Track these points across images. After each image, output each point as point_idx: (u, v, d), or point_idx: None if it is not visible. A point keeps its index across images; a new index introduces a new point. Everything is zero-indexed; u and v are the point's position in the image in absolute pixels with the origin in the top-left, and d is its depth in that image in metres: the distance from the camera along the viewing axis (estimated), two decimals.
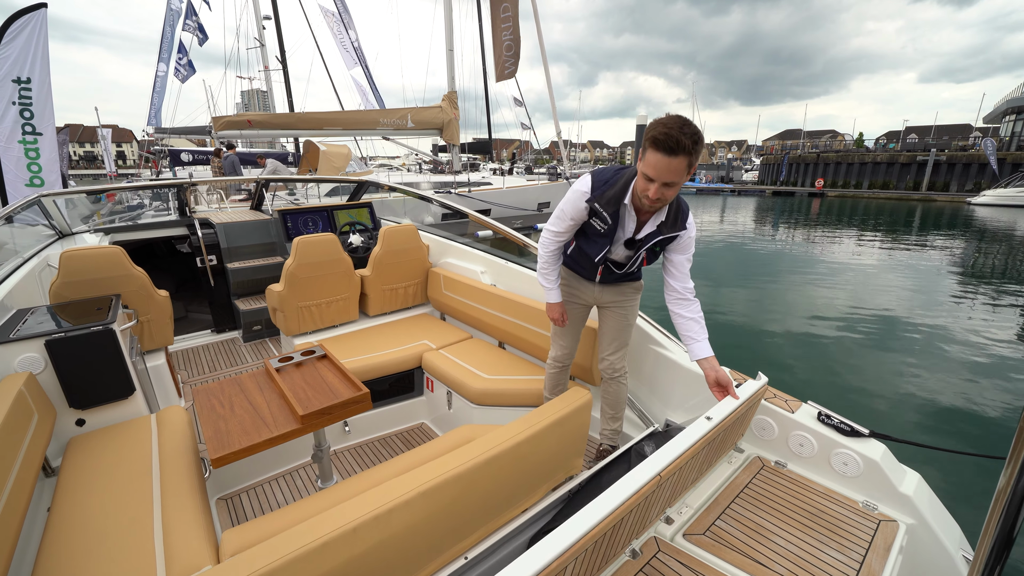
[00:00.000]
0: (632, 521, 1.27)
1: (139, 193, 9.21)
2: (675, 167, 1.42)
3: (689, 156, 1.42)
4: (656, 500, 1.33)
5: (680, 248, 1.73)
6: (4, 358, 1.90)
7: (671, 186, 1.48)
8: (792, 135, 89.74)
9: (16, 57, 6.32)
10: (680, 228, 1.67)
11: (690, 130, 1.41)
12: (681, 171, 1.44)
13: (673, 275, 1.77)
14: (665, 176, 1.44)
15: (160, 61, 19.02)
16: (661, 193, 1.49)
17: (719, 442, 1.54)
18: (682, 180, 1.48)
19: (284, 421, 1.68)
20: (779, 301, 8.69)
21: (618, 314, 2.00)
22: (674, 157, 1.41)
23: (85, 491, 1.67)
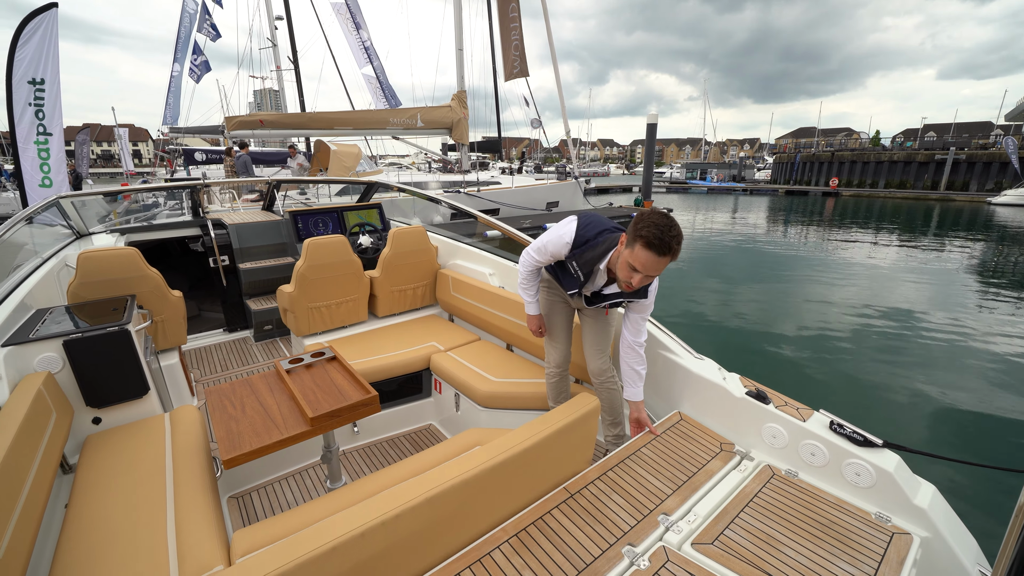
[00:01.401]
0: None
1: (154, 193, 9.35)
2: (661, 265, 1.60)
3: (674, 258, 1.60)
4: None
5: (639, 308, 1.91)
6: (24, 357, 1.94)
7: (651, 278, 1.67)
8: (806, 133, 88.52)
9: (31, 58, 6.42)
10: (642, 295, 1.85)
11: (676, 232, 1.59)
12: (663, 268, 1.63)
13: (629, 327, 1.95)
14: (651, 272, 1.62)
15: (175, 61, 19.30)
16: (641, 282, 1.66)
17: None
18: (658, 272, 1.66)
19: (294, 423, 1.70)
20: (792, 304, 8.57)
21: (597, 318, 2.10)
22: (663, 257, 1.58)
23: (101, 489, 1.71)
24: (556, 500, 1.55)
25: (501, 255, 3.28)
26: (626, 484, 1.63)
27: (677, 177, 45.74)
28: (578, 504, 1.54)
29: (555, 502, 1.55)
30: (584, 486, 1.61)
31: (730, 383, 1.94)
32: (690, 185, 40.18)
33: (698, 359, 2.10)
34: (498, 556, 1.35)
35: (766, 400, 1.82)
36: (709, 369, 2.04)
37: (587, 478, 1.65)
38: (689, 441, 1.87)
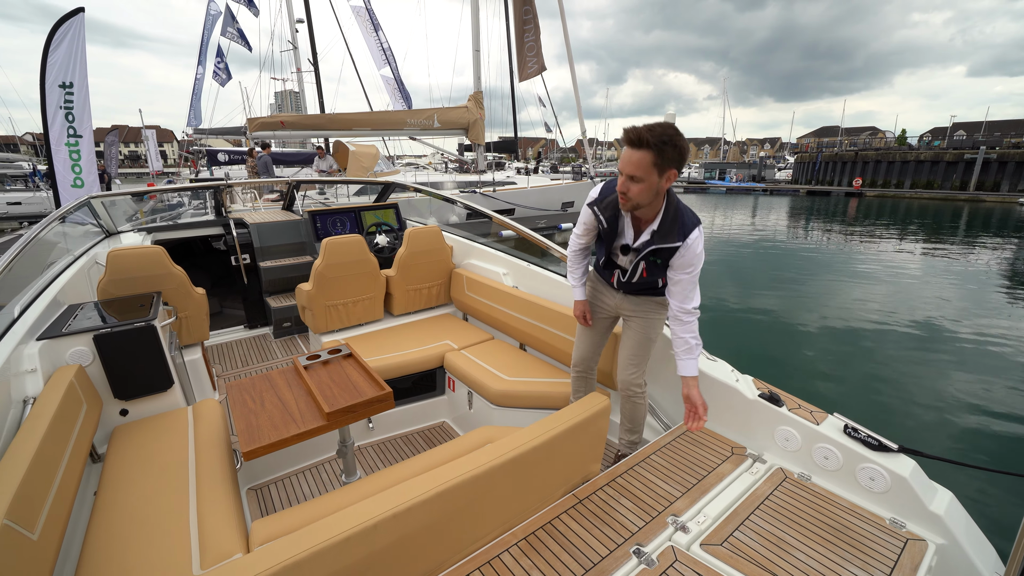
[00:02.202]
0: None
1: (179, 192, 9.61)
2: (636, 160, 1.50)
3: (651, 152, 1.48)
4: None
5: (679, 264, 1.68)
6: (57, 351, 2.04)
7: (635, 180, 1.53)
8: (829, 132, 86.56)
9: (61, 62, 6.65)
10: (676, 240, 1.63)
11: (660, 130, 1.47)
12: (642, 165, 1.50)
13: (671, 292, 1.77)
14: (627, 168, 1.52)
15: (199, 64, 19.78)
16: (626, 187, 1.56)
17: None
18: (648, 177, 1.52)
19: (311, 417, 1.75)
20: (810, 305, 8.42)
21: (638, 327, 1.97)
22: (636, 150, 1.49)
23: (128, 478, 1.78)
24: (565, 505, 1.57)
25: (515, 255, 3.30)
26: (635, 488, 1.64)
27: (695, 177, 45.15)
28: (587, 508, 1.56)
29: (564, 507, 1.56)
30: (593, 491, 1.62)
31: (743, 385, 1.93)
32: (708, 185, 39.66)
33: (711, 360, 2.09)
34: (507, 558, 1.37)
35: (779, 403, 1.80)
36: (722, 370, 2.03)
37: (596, 484, 1.66)
38: (700, 446, 1.87)
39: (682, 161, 1.54)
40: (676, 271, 1.71)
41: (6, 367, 1.78)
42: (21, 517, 1.22)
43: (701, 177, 44.52)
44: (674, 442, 1.90)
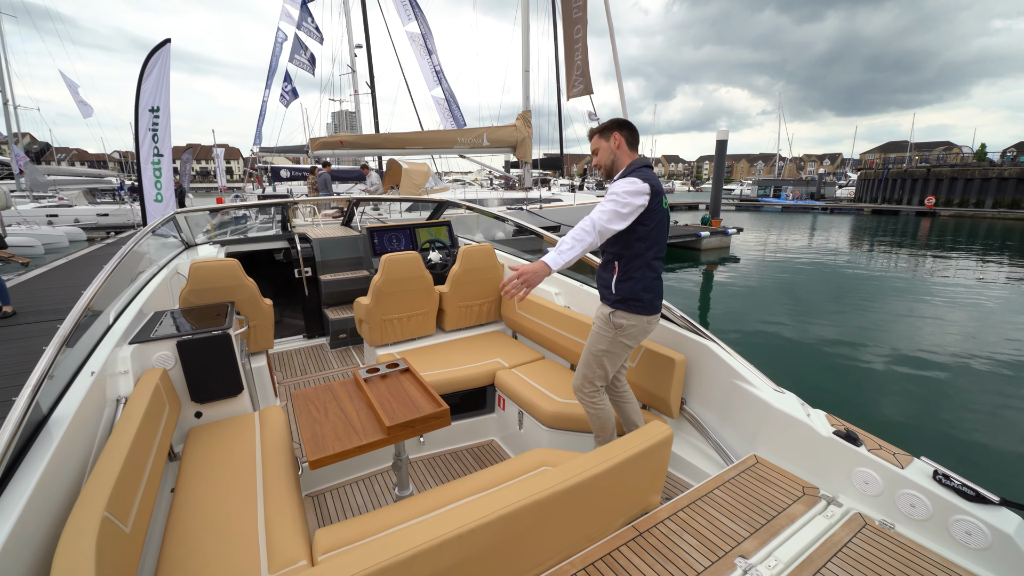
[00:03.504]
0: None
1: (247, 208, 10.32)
2: (592, 143, 2.11)
3: (597, 134, 2.08)
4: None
5: None
6: (145, 354, 2.21)
7: (595, 154, 2.10)
8: (896, 148, 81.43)
9: (152, 89, 7.34)
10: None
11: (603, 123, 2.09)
12: (593, 140, 2.10)
13: None
14: (592, 148, 2.12)
15: (266, 88, 21.30)
16: (594, 159, 2.12)
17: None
18: (599, 145, 2.07)
19: (372, 430, 1.80)
20: (882, 336, 7.78)
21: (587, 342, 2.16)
22: (591, 140, 2.12)
23: (202, 478, 1.89)
24: (625, 537, 1.52)
25: (567, 275, 3.29)
26: (699, 525, 1.57)
27: (748, 194, 43.57)
28: (647, 542, 1.50)
29: (624, 539, 1.51)
30: (654, 524, 1.56)
31: (815, 421, 1.82)
32: (762, 203, 38.12)
33: (778, 392, 1.99)
34: None
35: (857, 442, 1.68)
36: (791, 404, 1.92)
37: (657, 517, 1.60)
38: (767, 484, 1.77)
39: (617, 125, 2.03)
40: None
41: (104, 368, 1.94)
42: (117, 510, 1.32)
43: (754, 194, 42.88)
44: (738, 477, 1.81)
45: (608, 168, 2.05)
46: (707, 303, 10.25)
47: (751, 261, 14.60)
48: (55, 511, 1.34)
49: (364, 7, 19.87)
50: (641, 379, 2.40)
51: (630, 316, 1.98)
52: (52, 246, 13.85)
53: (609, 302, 2.03)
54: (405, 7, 17.17)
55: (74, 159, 54.03)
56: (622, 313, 1.99)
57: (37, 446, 1.41)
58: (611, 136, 2.02)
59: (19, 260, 7.76)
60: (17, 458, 1.34)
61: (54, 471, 1.38)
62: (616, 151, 2.02)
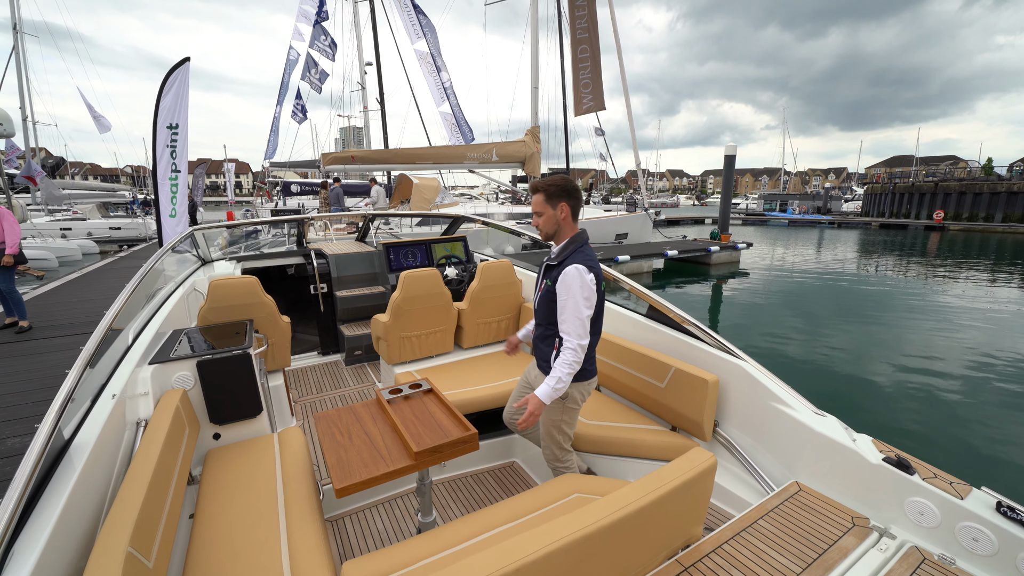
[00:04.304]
0: None
1: None
2: (535, 200, 2.00)
3: (542, 193, 1.98)
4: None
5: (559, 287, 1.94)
6: (165, 374, 2.17)
7: (538, 215, 2.00)
8: (902, 162, 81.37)
9: (170, 106, 7.43)
10: (556, 261, 2.01)
11: (548, 179, 2.00)
12: (538, 203, 1.99)
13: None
14: (533, 208, 2.01)
15: (278, 104, 21.62)
16: (535, 221, 2.02)
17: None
18: (545, 211, 1.98)
19: (399, 456, 1.73)
20: (913, 354, 7.52)
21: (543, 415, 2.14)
22: (534, 195, 2.00)
23: (222, 503, 1.83)
24: (669, 573, 1.44)
25: None
26: (746, 559, 1.49)
27: (754, 208, 43.51)
28: (686, 567, 1.43)
29: (664, 562, 1.44)
30: (699, 559, 1.49)
31: (862, 446, 1.74)
32: (769, 217, 38.03)
33: (819, 415, 1.91)
34: None
35: (910, 469, 1.60)
36: (834, 428, 1.84)
37: (701, 550, 1.52)
38: (813, 513, 1.69)
39: (566, 194, 1.97)
40: (558, 294, 1.95)
41: (125, 390, 1.90)
42: (140, 544, 1.27)
43: (760, 209, 42.82)
44: (782, 506, 1.73)
45: (549, 235, 2.04)
46: (718, 318, 10.14)
47: (761, 275, 14.49)
48: (77, 545, 1.29)
49: (375, 26, 20.28)
50: (671, 400, 2.33)
51: (577, 386, 2.07)
52: (66, 259, 13.99)
53: None
54: (414, 26, 17.48)
55: (87, 173, 55.03)
56: (579, 385, 2.07)
57: (59, 475, 1.37)
58: (558, 205, 1.97)
59: (34, 273, 7.82)
60: (39, 488, 1.30)
61: (76, 502, 1.33)
62: (561, 221, 2.00)
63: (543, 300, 2.03)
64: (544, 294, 2.02)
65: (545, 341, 2.09)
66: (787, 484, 1.86)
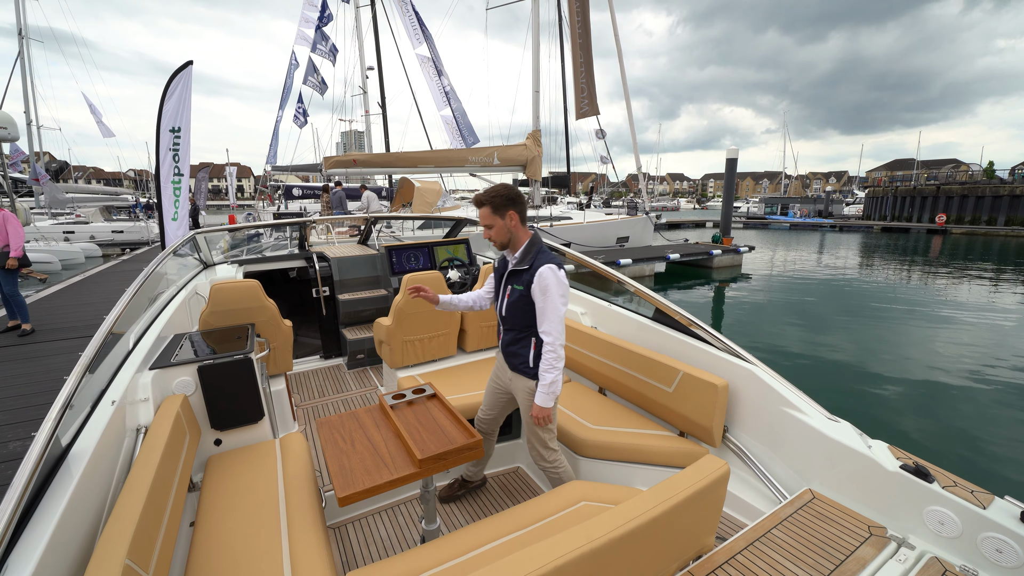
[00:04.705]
0: None
1: None
2: (482, 213, 2.03)
3: (488, 206, 2.00)
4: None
5: (535, 291, 1.98)
6: (166, 380, 2.13)
7: (488, 227, 2.04)
8: (903, 165, 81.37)
9: (173, 110, 7.43)
10: (525, 265, 2.02)
11: (491, 190, 2.03)
12: (486, 215, 2.02)
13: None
14: (481, 221, 2.04)
15: (280, 108, 21.67)
16: (487, 233, 2.06)
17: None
18: (494, 222, 2.02)
19: (402, 463, 1.70)
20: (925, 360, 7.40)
21: (523, 412, 2.19)
22: (480, 208, 2.03)
23: (223, 511, 1.79)
24: (677, 571, 1.40)
25: (594, 294, 3.21)
26: (761, 571, 1.45)
27: (755, 212, 43.48)
28: None
29: (676, 573, 1.40)
30: (712, 570, 1.45)
31: (878, 453, 1.70)
32: (770, 221, 37.99)
33: (833, 421, 1.87)
34: None
35: (928, 477, 1.56)
36: (848, 434, 1.80)
37: (714, 561, 1.48)
38: (828, 522, 1.64)
39: (511, 203, 2.01)
40: (534, 297, 1.99)
41: (125, 396, 1.87)
42: (138, 556, 1.23)
43: (761, 212, 42.78)
44: (796, 515, 1.68)
45: (503, 244, 2.07)
46: (721, 322, 10.09)
47: (764, 279, 14.45)
48: (74, 558, 1.25)
49: (376, 32, 20.35)
50: (679, 405, 2.29)
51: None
52: (69, 262, 13.99)
53: (534, 374, 2.09)
54: (415, 31, 17.54)
55: (91, 177, 55.24)
56: None
57: (56, 484, 1.33)
58: (507, 214, 2.01)
59: (37, 276, 7.80)
60: (35, 498, 1.26)
61: (73, 512, 1.30)
62: (512, 229, 2.04)
63: (516, 305, 2.05)
64: (517, 299, 2.04)
65: (518, 344, 2.10)
66: (800, 492, 1.81)
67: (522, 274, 2.01)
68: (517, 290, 2.03)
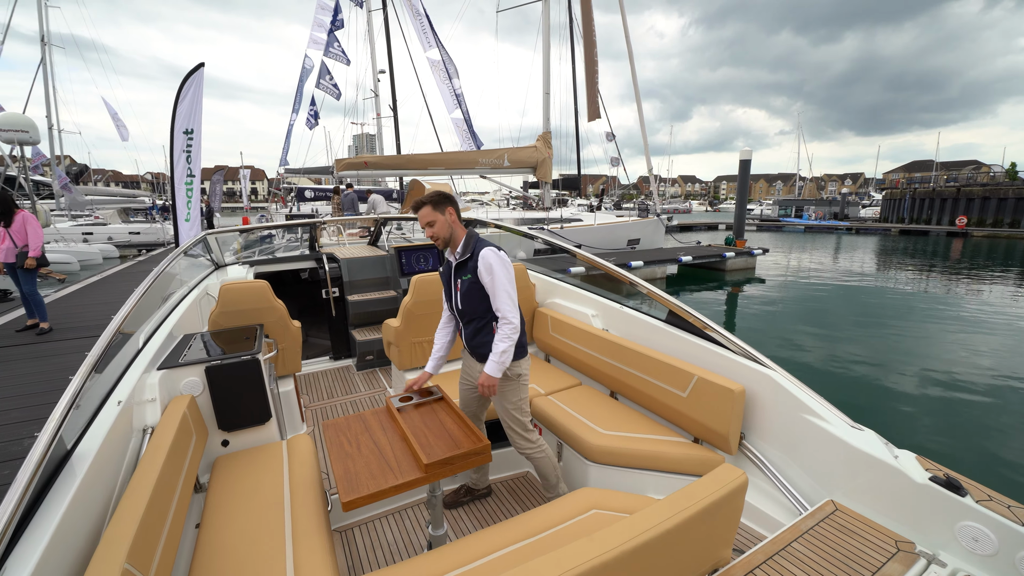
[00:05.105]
0: None
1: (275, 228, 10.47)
2: (423, 214, 2.12)
3: (428, 205, 2.12)
4: None
5: (482, 275, 2.09)
6: (173, 380, 2.12)
7: (430, 225, 2.13)
8: (921, 167, 79.84)
9: (186, 112, 7.52)
10: (468, 253, 2.13)
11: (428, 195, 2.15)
12: (427, 214, 2.12)
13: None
14: (423, 220, 2.13)
15: (293, 112, 21.92)
16: (429, 232, 2.15)
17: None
18: (436, 218, 2.12)
19: (408, 468, 1.66)
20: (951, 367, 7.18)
21: (496, 401, 2.27)
22: (420, 210, 2.13)
23: (228, 513, 1.77)
24: None
25: (605, 295, 3.15)
26: None
27: (768, 214, 42.92)
28: None
29: None
30: (724, 570, 1.38)
31: (905, 463, 1.62)
32: (784, 223, 37.47)
33: (856, 430, 1.79)
34: None
35: (961, 491, 1.48)
36: (872, 443, 1.73)
37: (728, 561, 1.42)
38: (852, 536, 1.57)
39: (447, 200, 2.15)
40: (482, 280, 2.09)
41: (132, 396, 1.86)
42: (139, 559, 1.20)
43: (775, 214, 42.21)
44: (818, 527, 1.61)
45: (446, 240, 2.17)
46: (734, 325, 9.93)
47: (778, 282, 14.22)
48: (73, 561, 1.23)
49: (388, 36, 20.50)
50: (693, 410, 2.23)
51: (522, 362, 2.24)
52: (87, 263, 14.27)
53: None
54: (426, 35, 17.64)
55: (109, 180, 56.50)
56: (517, 362, 2.21)
57: (58, 486, 1.31)
58: (446, 210, 2.14)
59: (56, 276, 7.95)
60: (37, 499, 1.24)
61: (75, 513, 1.28)
62: (452, 224, 2.16)
63: (468, 294, 2.14)
64: (468, 288, 2.14)
65: (481, 333, 2.18)
66: (822, 503, 1.74)
67: (467, 263, 2.12)
68: (466, 280, 2.14)
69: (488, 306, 2.12)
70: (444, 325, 2.40)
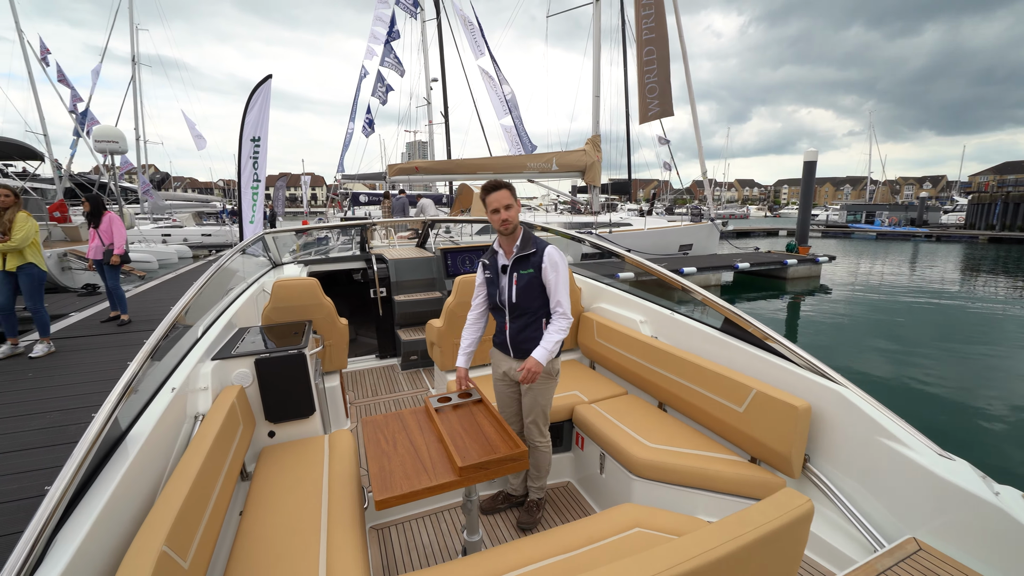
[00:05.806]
0: None
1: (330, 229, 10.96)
2: (501, 195, 2.07)
3: (507, 189, 2.08)
4: None
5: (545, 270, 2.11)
6: (226, 370, 2.21)
7: (507, 208, 2.07)
8: (1016, 168, 72.03)
9: (254, 120, 8.01)
10: (531, 248, 2.13)
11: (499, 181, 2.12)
12: (507, 197, 2.07)
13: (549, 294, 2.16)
14: (501, 202, 2.06)
15: (350, 121, 22.93)
16: (505, 214, 2.07)
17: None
18: (514, 203, 2.09)
19: (443, 470, 1.62)
20: None
21: (528, 391, 2.24)
22: (498, 191, 2.07)
23: (270, 503, 1.80)
24: None
25: (654, 300, 3.00)
26: None
27: (835, 220, 40.17)
28: None
29: None
30: None
31: (1007, 501, 1.39)
32: (853, 229, 34.92)
33: (947, 459, 1.57)
34: None
35: None
36: (966, 475, 1.50)
37: None
38: None
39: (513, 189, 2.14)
40: (545, 276, 2.11)
41: (186, 384, 1.94)
42: (177, 543, 1.23)
43: (842, 220, 39.43)
44: (897, 568, 1.41)
45: (514, 228, 2.15)
46: (796, 338, 9.29)
47: (846, 293, 13.19)
48: (119, 538, 1.27)
49: (441, 45, 21.06)
50: (750, 427, 2.05)
51: (559, 360, 2.29)
52: (165, 261, 15.54)
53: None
54: (477, 43, 17.96)
55: (187, 186, 61.63)
56: (558, 359, 2.25)
57: (112, 464, 1.37)
58: (517, 200, 2.15)
59: (138, 273, 8.69)
60: (92, 476, 1.30)
61: (124, 493, 1.32)
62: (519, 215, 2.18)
63: (527, 289, 2.12)
64: (528, 283, 2.12)
65: (530, 328, 2.16)
66: (902, 540, 1.53)
67: (530, 258, 2.12)
68: (526, 274, 2.12)
69: (541, 303, 2.13)
70: (474, 322, 2.37)
